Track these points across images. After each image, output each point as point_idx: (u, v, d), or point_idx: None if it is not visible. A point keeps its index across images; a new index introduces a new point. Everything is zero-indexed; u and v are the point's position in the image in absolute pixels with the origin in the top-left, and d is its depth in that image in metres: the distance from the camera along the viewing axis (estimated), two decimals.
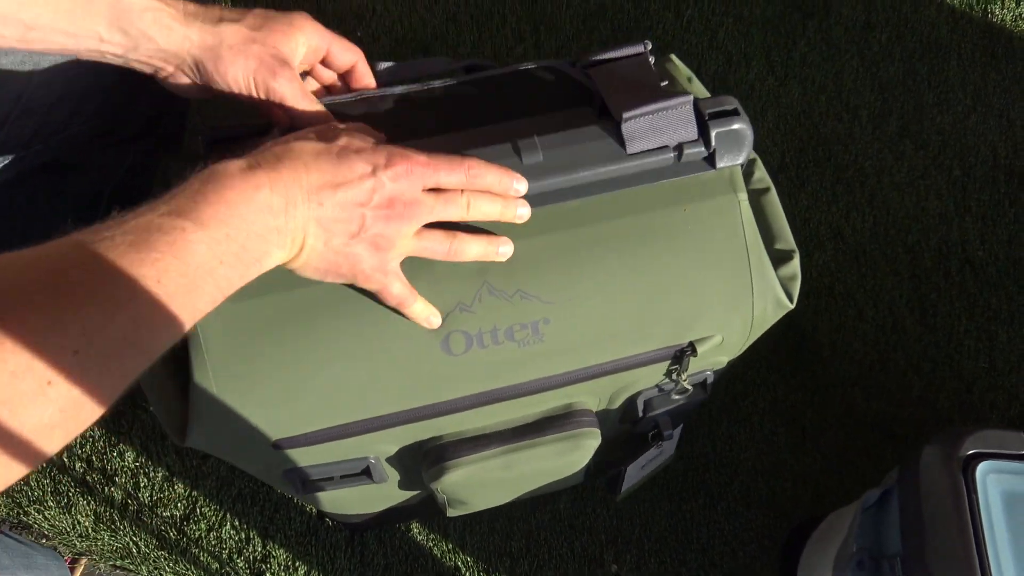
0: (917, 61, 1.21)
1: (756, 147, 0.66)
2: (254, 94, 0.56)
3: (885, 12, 1.23)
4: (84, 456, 1.00)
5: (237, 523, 0.98)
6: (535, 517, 0.99)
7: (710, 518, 0.99)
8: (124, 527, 0.98)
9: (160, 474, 0.99)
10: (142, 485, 0.99)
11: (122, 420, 1.01)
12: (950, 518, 0.64)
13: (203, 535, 0.97)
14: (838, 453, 1.02)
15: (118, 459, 1.00)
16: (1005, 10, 1.24)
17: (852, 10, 1.23)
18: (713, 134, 0.58)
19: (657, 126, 0.59)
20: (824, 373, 1.05)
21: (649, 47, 0.64)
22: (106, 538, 0.97)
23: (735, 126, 0.58)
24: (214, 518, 0.98)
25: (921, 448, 0.68)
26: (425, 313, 0.54)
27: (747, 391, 1.04)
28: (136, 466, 1.00)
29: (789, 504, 1.00)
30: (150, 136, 0.72)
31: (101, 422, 1.01)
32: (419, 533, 0.98)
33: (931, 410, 1.03)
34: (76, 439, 1.01)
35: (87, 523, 0.98)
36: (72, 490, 0.99)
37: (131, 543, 0.97)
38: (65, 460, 1.00)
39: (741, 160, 0.60)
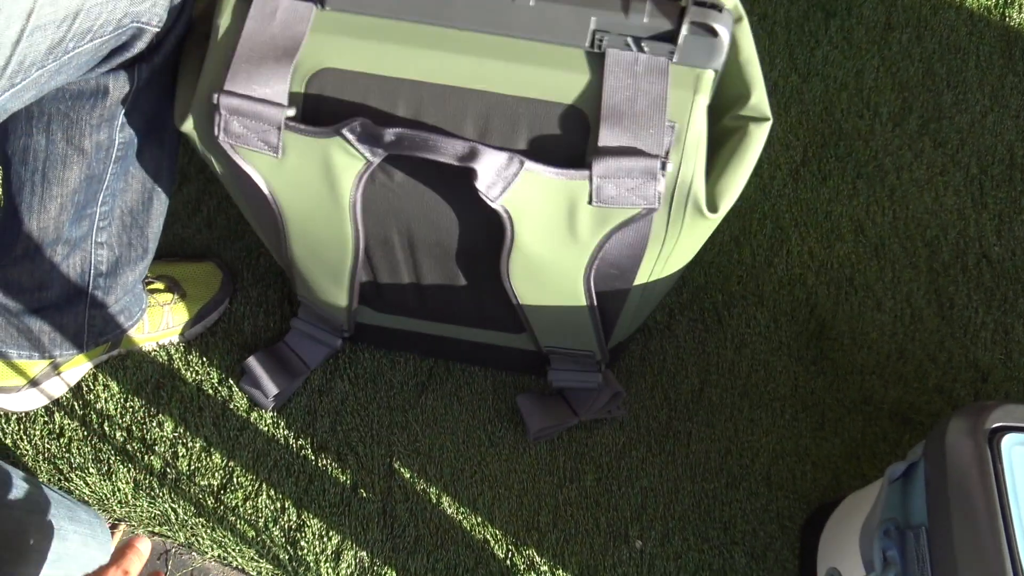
0: (936, 62, 1.24)
1: (779, 142, 0.70)
2: None
3: (905, 13, 1.27)
4: (124, 425, 1.03)
5: (273, 493, 1.01)
6: (562, 493, 1.01)
7: (732, 498, 1.02)
8: (163, 494, 1.00)
9: (198, 444, 1.02)
10: (180, 454, 1.02)
11: (161, 391, 1.04)
12: (976, 489, 0.67)
13: (239, 504, 1.00)
14: (856, 439, 1.04)
15: (157, 429, 1.03)
16: (1023, 14, 1.27)
17: (873, 11, 1.27)
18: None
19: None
20: (843, 361, 1.08)
21: None
22: (145, 505, 1.00)
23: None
24: (250, 488, 1.01)
25: (947, 421, 0.71)
26: None
27: (769, 377, 1.07)
28: (175, 436, 1.03)
29: (809, 487, 1.02)
30: (154, 56, 0.74)
31: (142, 393, 1.04)
32: (449, 506, 1.01)
33: (947, 399, 1.06)
34: (116, 408, 1.03)
35: (127, 490, 1.00)
36: (112, 458, 1.02)
37: (169, 510, 1.00)
38: (106, 429, 1.03)
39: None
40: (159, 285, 1.05)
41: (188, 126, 0.74)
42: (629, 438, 1.04)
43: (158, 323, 1.03)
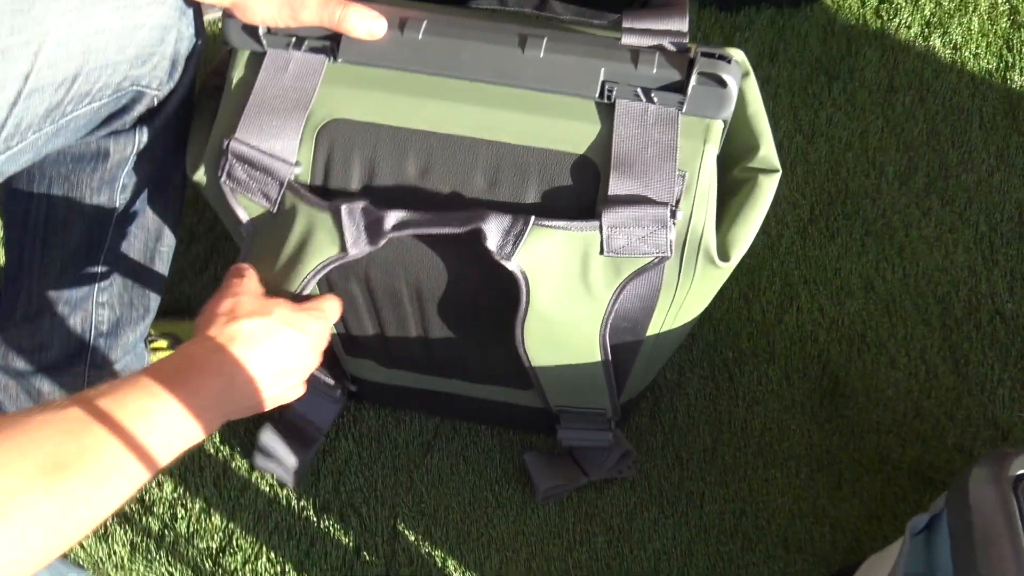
0: (940, 122, 1.25)
1: (786, 201, 0.70)
2: (289, 25, 0.69)
3: (907, 76, 1.28)
4: None
5: (273, 556, 0.97)
6: (572, 556, 0.98)
7: (748, 561, 0.98)
8: (160, 557, 0.97)
9: (198, 505, 1.00)
10: (179, 516, 0.99)
11: None
12: (1002, 538, 0.64)
13: (239, 567, 0.97)
14: (875, 499, 1.01)
15: (156, 489, 1.00)
16: None
17: (875, 74, 1.29)
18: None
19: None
20: (859, 419, 1.06)
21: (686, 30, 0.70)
22: (141, 569, 0.97)
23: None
24: (250, 551, 0.98)
25: (969, 471, 0.69)
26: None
27: (782, 436, 1.05)
28: (174, 497, 1.00)
29: (828, 549, 0.99)
30: (155, 118, 0.74)
31: None
32: (455, 570, 0.97)
33: (967, 457, 1.03)
34: None
35: (123, 552, 0.97)
36: (109, 519, 0.99)
37: (166, 574, 0.97)
38: None
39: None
40: (162, 343, 1.04)
41: (199, 174, 0.74)
42: (640, 498, 1.01)
43: None
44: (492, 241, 0.67)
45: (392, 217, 0.67)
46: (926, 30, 1.32)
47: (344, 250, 0.69)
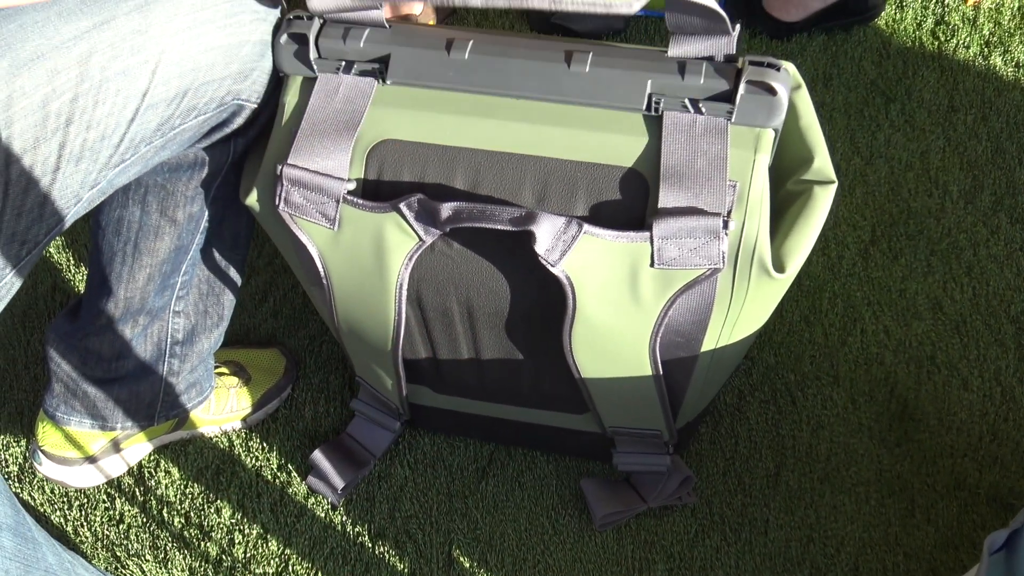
0: (1005, 140, 1.22)
1: (846, 222, 0.69)
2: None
3: (968, 96, 1.25)
4: (183, 511, 1.02)
5: None
6: None
7: None
8: None
9: (255, 531, 1.00)
10: (237, 541, 1.00)
11: (221, 477, 1.03)
12: None
13: None
14: (952, 527, 0.96)
15: (215, 515, 1.01)
16: None
17: (934, 95, 1.26)
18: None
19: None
20: (931, 443, 1.01)
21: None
22: None
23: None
24: None
25: None
26: None
27: (850, 460, 1.01)
28: (232, 523, 1.01)
29: None
30: (249, 130, 0.76)
31: (201, 479, 1.03)
32: None
33: None
34: (176, 494, 1.03)
35: None
36: (169, 544, 1.00)
37: None
38: (165, 515, 1.02)
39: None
40: (225, 370, 1.06)
41: (252, 199, 0.76)
42: (701, 525, 0.98)
43: (223, 405, 1.04)
44: (542, 244, 0.67)
45: (447, 207, 0.68)
46: (986, 49, 1.29)
47: (420, 239, 0.70)
